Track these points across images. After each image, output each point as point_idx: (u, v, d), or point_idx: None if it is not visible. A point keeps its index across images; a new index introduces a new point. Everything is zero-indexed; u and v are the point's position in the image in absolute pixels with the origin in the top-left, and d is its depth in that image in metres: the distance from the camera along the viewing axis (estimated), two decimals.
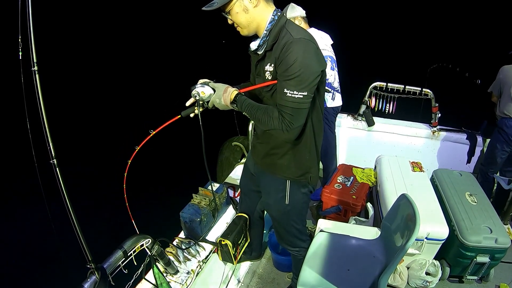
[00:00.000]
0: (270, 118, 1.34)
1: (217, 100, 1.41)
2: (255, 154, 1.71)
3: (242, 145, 3.31)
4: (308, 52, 1.27)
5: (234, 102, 1.40)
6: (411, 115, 3.63)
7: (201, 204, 2.06)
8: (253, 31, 1.40)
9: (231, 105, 1.41)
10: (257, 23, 1.37)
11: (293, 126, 1.32)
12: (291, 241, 1.83)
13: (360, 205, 2.56)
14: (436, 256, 2.22)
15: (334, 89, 2.80)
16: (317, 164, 1.61)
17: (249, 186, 1.94)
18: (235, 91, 1.41)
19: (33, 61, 0.97)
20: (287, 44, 1.27)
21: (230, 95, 1.40)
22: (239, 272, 2.36)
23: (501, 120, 2.87)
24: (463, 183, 2.52)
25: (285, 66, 1.27)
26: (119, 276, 1.34)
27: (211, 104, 1.43)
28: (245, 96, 1.42)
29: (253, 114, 1.38)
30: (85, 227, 1.13)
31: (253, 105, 1.39)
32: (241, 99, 1.40)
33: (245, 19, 1.35)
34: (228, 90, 1.40)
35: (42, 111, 0.99)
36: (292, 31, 1.30)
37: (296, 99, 1.28)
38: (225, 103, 1.40)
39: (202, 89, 1.40)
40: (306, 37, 1.29)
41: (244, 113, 1.41)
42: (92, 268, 1.17)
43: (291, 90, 1.27)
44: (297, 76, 1.25)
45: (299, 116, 1.32)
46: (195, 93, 1.40)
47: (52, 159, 1.04)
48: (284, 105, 1.30)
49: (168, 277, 1.73)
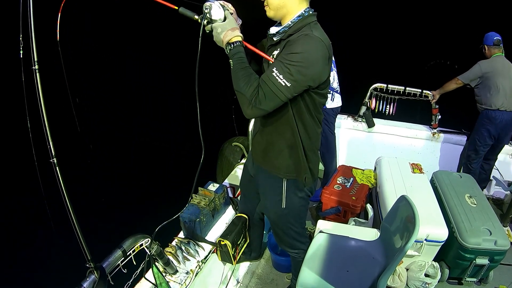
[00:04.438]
0: (248, 84, 1.27)
1: (219, 30, 1.31)
2: (254, 151, 1.70)
3: (242, 146, 3.31)
4: (318, 54, 1.25)
5: (230, 44, 1.32)
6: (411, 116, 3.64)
7: (200, 204, 2.06)
8: (279, 16, 1.38)
9: (225, 45, 1.33)
10: (286, 11, 1.34)
11: (259, 105, 1.26)
12: (290, 243, 1.83)
13: (360, 206, 2.56)
14: (436, 258, 2.22)
15: (334, 89, 2.80)
16: (314, 166, 1.58)
17: (248, 187, 1.93)
18: (239, 37, 1.33)
19: (33, 59, 0.97)
20: (303, 36, 1.25)
21: (232, 36, 1.31)
22: (238, 273, 2.36)
23: (486, 112, 2.97)
24: (462, 185, 2.52)
25: (289, 50, 1.24)
26: (118, 275, 1.34)
27: (211, 28, 1.33)
28: (243, 49, 1.35)
29: (236, 68, 1.30)
30: (85, 226, 1.13)
31: (243, 61, 1.31)
32: (238, 48, 1.32)
33: (277, 2, 1.33)
34: (236, 31, 1.32)
35: (43, 110, 1.00)
36: (314, 30, 1.28)
37: (278, 83, 1.23)
38: (223, 39, 1.32)
39: (217, 9, 1.30)
40: (325, 41, 1.27)
41: (230, 61, 1.33)
42: (91, 267, 1.17)
43: (278, 72, 1.23)
44: (292, 65, 1.22)
45: (271, 102, 1.27)
46: (208, 5, 1.28)
47: (52, 158, 1.04)
48: (265, 82, 1.26)
49: (167, 277, 1.73)
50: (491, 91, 2.90)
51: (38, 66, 0.99)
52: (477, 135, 3.04)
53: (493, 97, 2.90)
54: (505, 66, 2.89)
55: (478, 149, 3.06)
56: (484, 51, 2.99)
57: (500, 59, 2.91)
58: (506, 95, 2.87)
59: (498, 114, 2.91)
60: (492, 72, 2.89)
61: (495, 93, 2.89)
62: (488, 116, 2.96)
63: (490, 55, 2.96)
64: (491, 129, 2.96)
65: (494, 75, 2.88)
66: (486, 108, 2.96)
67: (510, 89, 2.87)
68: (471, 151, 3.11)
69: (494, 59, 2.92)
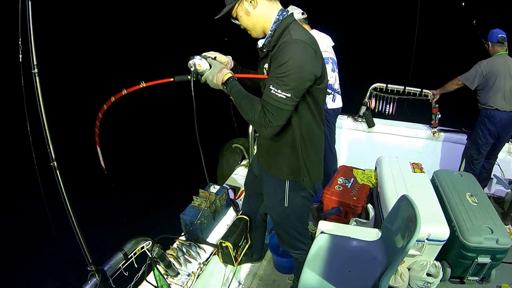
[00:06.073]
0: (253, 110, 1.34)
1: (210, 77, 1.44)
2: (259, 152, 1.72)
3: (242, 147, 3.31)
4: (304, 55, 1.26)
5: (225, 84, 1.42)
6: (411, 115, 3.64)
7: (201, 206, 2.06)
8: (260, 32, 1.41)
9: (221, 86, 1.43)
10: (261, 24, 1.38)
11: (271, 124, 1.32)
12: (293, 244, 1.83)
13: (361, 207, 2.56)
14: (437, 257, 2.21)
15: (335, 90, 2.80)
16: (315, 167, 1.58)
17: (253, 188, 1.94)
18: (229, 74, 1.43)
19: (33, 63, 0.97)
20: (284, 43, 1.28)
21: (223, 76, 1.42)
22: (240, 274, 2.36)
23: (486, 111, 2.97)
24: (463, 183, 2.51)
25: (277, 63, 1.27)
26: (119, 278, 1.34)
27: (204, 79, 1.46)
28: (237, 82, 1.43)
29: (238, 101, 1.39)
30: (86, 229, 1.13)
31: (241, 92, 1.39)
32: (232, 83, 1.41)
33: (249, 22, 1.38)
34: (223, 71, 1.43)
35: (42, 113, 1.00)
36: (293, 32, 1.29)
37: (278, 98, 1.27)
38: (217, 82, 1.43)
39: (200, 62, 1.43)
40: (306, 40, 1.28)
41: (231, 97, 1.42)
42: (92, 270, 1.17)
43: (275, 88, 1.26)
44: (285, 76, 1.24)
45: (280, 116, 1.31)
46: (191, 64, 1.43)
47: (52, 162, 1.04)
48: (267, 102, 1.29)
49: (168, 279, 1.72)
50: (491, 91, 2.90)
51: (37, 69, 0.99)
52: (478, 134, 3.04)
53: (493, 97, 2.89)
54: (506, 65, 2.86)
55: (480, 148, 3.05)
56: (488, 47, 2.97)
57: (501, 59, 2.88)
58: (505, 95, 2.87)
59: (497, 113, 2.91)
60: (492, 73, 2.87)
61: (495, 93, 2.88)
62: (487, 115, 2.96)
63: (494, 52, 2.93)
64: (491, 128, 2.96)
65: (494, 75, 2.87)
66: (486, 107, 2.96)
67: (510, 89, 2.86)
68: (474, 151, 3.11)
69: (494, 59, 2.90)
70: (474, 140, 3.09)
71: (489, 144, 3.05)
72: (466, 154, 3.28)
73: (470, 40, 3.31)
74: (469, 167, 3.16)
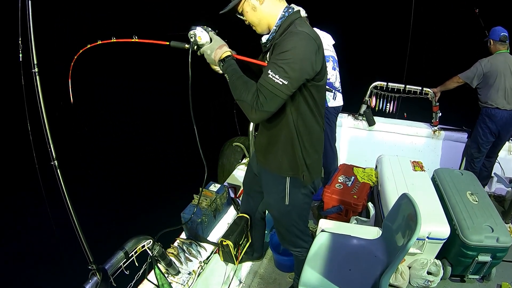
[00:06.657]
0: (247, 91, 1.31)
1: (208, 51, 1.40)
2: (258, 150, 1.72)
3: (243, 146, 3.31)
4: (307, 47, 1.27)
5: (222, 61, 1.39)
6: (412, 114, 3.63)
7: (202, 204, 2.07)
8: (265, 28, 1.42)
9: (218, 63, 1.40)
10: (267, 20, 1.39)
11: (262, 108, 1.29)
12: (293, 242, 1.83)
13: (361, 205, 2.56)
14: (438, 255, 2.21)
15: (336, 88, 2.80)
16: (314, 164, 1.58)
17: (252, 186, 1.94)
18: (228, 52, 1.41)
19: (33, 62, 0.98)
20: (289, 33, 1.29)
21: (222, 53, 1.39)
22: (241, 273, 2.36)
23: (486, 110, 2.97)
24: (464, 182, 2.51)
25: (279, 50, 1.27)
26: (120, 277, 1.34)
27: (202, 52, 1.42)
28: (235, 62, 1.41)
29: (233, 79, 1.36)
30: (86, 228, 1.13)
31: (237, 72, 1.37)
32: (229, 61, 1.39)
33: (255, 17, 1.38)
34: (223, 48, 1.40)
35: (43, 113, 1.00)
36: (299, 26, 1.30)
37: (275, 83, 1.26)
38: (214, 58, 1.40)
39: (201, 34, 1.39)
40: (311, 33, 1.29)
41: (226, 75, 1.39)
42: (93, 269, 1.17)
43: (273, 73, 1.25)
44: (285, 63, 1.24)
45: (272, 102, 1.29)
46: (192, 34, 1.38)
47: (53, 161, 1.04)
48: (263, 85, 1.28)
49: (169, 278, 1.73)
50: (491, 89, 2.89)
51: (37, 69, 0.99)
52: (478, 132, 3.04)
53: (494, 95, 2.89)
54: (507, 64, 2.86)
55: (480, 147, 3.05)
56: (489, 45, 2.96)
57: (502, 57, 2.88)
58: (506, 94, 2.86)
59: (498, 112, 2.90)
60: (492, 71, 2.87)
61: (495, 92, 2.88)
62: (487, 114, 2.96)
63: (495, 50, 2.92)
64: (492, 127, 2.96)
65: (495, 73, 2.86)
66: (486, 105, 2.96)
67: (510, 87, 2.86)
68: (474, 149, 3.11)
69: (495, 57, 2.89)
70: (475, 139, 3.09)
71: (490, 142, 3.05)
72: (466, 152, 3.28)
73: (471, 39, 3.30)
74: (470, 165, 3.17)
